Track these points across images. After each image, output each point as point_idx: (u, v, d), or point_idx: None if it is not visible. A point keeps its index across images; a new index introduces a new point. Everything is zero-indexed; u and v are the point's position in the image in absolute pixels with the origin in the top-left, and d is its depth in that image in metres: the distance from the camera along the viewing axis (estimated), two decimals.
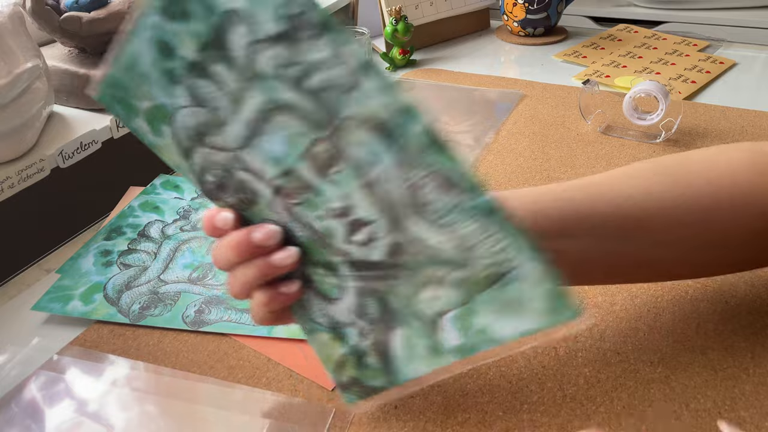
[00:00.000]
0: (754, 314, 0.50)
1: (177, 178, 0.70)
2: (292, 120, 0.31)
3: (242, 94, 0.31)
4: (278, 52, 0.29)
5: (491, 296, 0.31)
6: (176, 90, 0.33)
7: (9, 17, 0.61)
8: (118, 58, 0.33)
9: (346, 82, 0.29)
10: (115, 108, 0.35)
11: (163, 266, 0.57)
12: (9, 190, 0.58)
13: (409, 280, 0.32)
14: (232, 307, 0.52)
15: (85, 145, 0.65)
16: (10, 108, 0.57)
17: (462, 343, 0.32)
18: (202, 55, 0.31)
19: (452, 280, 0.31)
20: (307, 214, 0.33)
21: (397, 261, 0.32)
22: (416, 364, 0.34)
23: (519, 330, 0.31)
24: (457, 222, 0.30)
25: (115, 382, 0.46)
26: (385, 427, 0.42)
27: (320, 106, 0.30)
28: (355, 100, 0.29)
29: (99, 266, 0.57)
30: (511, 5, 1.05)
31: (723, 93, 0.86)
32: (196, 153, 0.34)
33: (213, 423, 0.43)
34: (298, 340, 0.49)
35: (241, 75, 0.31)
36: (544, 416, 0.43)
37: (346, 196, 0.32)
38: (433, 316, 0.33)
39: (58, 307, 0.53)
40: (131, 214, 0.64)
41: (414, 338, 0.34)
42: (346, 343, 0.36)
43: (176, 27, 0.31)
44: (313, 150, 0.31)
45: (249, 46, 0.30)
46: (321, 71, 0.29)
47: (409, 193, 0.30)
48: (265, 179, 0.33)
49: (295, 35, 0.28)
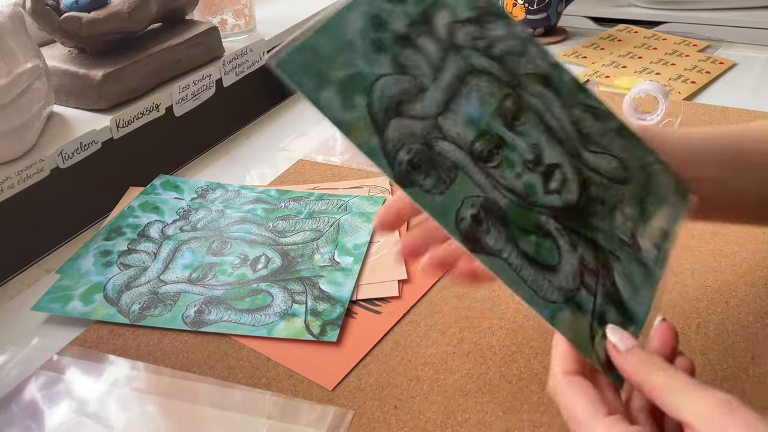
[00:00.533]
0: (754, 314, 0.50)
1: (177, 179, 0.70)
2: (484, 81, 0.37)
3: (442, 63, 0.36)
4: (470, 30, 0.38)
5: (652, 198, 0.38)
6: (381, 58, 0.34)
7: (9, 17, 0.61)
8: (322, 26, 0.33)
9: (519, 50, 0.38)
10: (299, 78, 0.32)
11: (163, 266, 0.57)
12: (9, 190, 0.58)
13: (602, 211, 0.37)
14: (232, 307, 0.52)
15: (85, 145, 0.64)
16: (10, 108, 0.57)
17: (657, 253, 0.37)
18: (410, 29, 0.36)
19: (628, 196, 0.38)
20: (506, 175, 0.35)
21: (589, 196, 0.37)
22: (640, 297, 0.36)
23: (678, 219, 0.39)
24: (611, 143, 0.39)
25: (115, 382, 0.46)
26: (385, 427, 0.42)
27: (504, 68, 0.37)
28: (526, 62, 0.38)
29: (99, 266, 0.57)
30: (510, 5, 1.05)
31: (723, 93, 0.86)
32: (390, 126, 0.33)
33: (213, 423, 0.43)
34: (299, 340, 0.49)
35: (442, 46, 0.36)
36: (544, 416, 0.43)
37: (535, 145, 0.36)
38: (631, 238, 0.37)
39: (58, 307, 0.53)
40: (131, 215, 0.64)
41: (628, 269, 0.36)
42: (586, 311, 0.34)
43: (392, 7, 0.36)
44: (503, 105, 0.37)
45: (449, 25, 0.37)
46: (501, 42, 0.38)
47: (575, 128, 0.38)
48: (464, 146, 0.35)
49: (483, 18, 0.38)
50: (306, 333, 0.49)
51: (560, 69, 0.39)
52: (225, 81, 0.81)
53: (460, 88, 0.36)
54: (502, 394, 0.45)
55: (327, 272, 0.55)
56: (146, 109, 0.71)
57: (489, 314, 0.51)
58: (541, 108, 0.38)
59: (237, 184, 0.69)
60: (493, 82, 0.37)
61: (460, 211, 0.33)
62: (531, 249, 0.34)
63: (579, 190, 0.37)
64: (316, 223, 0.61)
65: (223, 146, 0.80)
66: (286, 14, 0.97)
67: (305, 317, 0.50)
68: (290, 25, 0.93)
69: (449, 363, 0.47)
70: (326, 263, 0.56)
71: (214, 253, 0.58)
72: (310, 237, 0.59)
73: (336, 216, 0.62)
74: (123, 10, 0.68)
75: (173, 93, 0.73)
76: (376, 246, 0.59)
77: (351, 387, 0.45)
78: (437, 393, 0.45)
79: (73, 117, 0.68)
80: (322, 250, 0.57)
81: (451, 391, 0.45)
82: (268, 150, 0.78)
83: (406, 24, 0.35)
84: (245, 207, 0.64)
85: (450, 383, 0.46)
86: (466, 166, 0.34)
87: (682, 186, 0.40)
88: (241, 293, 0.53)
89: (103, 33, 0.68)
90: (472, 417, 0.43)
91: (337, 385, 0.46)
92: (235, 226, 0.61)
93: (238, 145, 0.80)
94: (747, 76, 0.92)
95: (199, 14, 0.84)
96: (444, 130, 0.34)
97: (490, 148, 0.35)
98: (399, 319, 0.51)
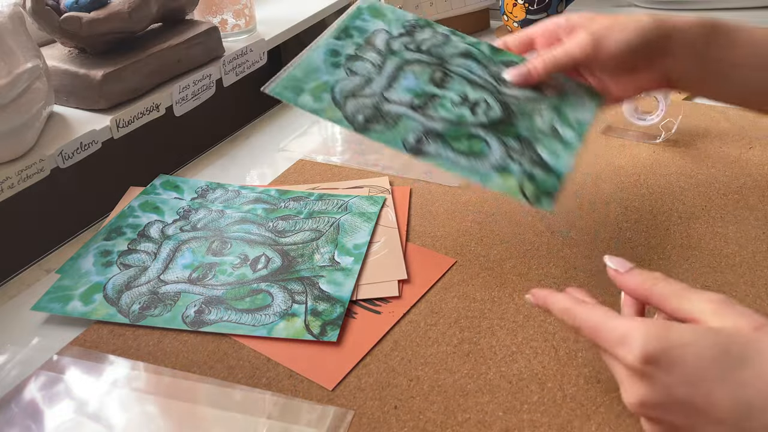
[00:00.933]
0: None
1: (177, 179, 0.70)
2: (417, 66, 0.56)
3: (383, 63, 0.56)
4: (404, 39, 0.58)
5: (566, 103, 0.56)
6: (338, 71, 0.54)
7: (9, 17, 0.61)
8: (299, 62, 0.53)
9: (442, 41, 0.59)
10: (283, 94, 0.51)
11: (163, 266, 0.57)
12: (9, 190, 0.58)
13: (522, 117, 0.54)
14: (232, 307, 0.52)
15: (85, 145, 0.65)
16: (10, 108, 0.57)
17: (573, 133, 0.54)
18: (357, 50, 0.56)
19: (545, 106, 0.55)
20: (440, 112, 0.53)
21: (511, 112, 0.54)
22: (563, 159, 0.52)
23: (592, 114, 0.56)
24: None
25: (115, 382, 0.46)
26: (385, 427, 0.42)
27: (431, 55, 0.57)
28: (450, 47, 0.59)
29: (99, 266, 0.57)
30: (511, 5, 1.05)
31: None
32: (348, 104, 0.51)
33: (213, 423, 0.43)
34: (299, 340, 0.49)
35: (382, 54, 0.56)
36: (544, 416, 0.43)
37: (462, 92, 0.55)
38: (549, 128, 0.54)
39: (58, 307, 0.53)
40: (131, 215, 0.64)
41: (549, 145, 0.52)
42: (514, 173, 0.50)
43: (343, 42, 0.56)
44: (433, 76, 0.55)
45: (386, 41, 0.58)
46: (428, 40, 0.59)
47: (493, 77, 0.57)
48: (405, 103, 0.52)
49: (412, 30, 0.59)
50: (306, 333, 0.49)
51: (477, 43, 0.60)
52: (225, 81, 0.81)
53: (398, 73, 0.55)
54: (502, 394, 0.45)
55: (327, 272, 0.55)
56: (146, 109, 0.71)
57: (489, 314, 0.51)
58: (464, 71, 0.57)
59: (237, 184, 0.69)
60: (424, 65, 0.56)
61: (406, 138, 0.50)
62: (465, 147, 0.51)
63: (501, 110, 0.54)
64: (316, 223, 0.61)
65: (223, 146, 0.80)
66: (286, 14, 0.97)
67: (305, 317, 0.50)
68: (290, 25, 0.93)
69: (449, 363, 0.47)
70: (326, 263, 0.56)
71: (214, 253, 0.58)
72: (310, 237, 0.59)
73: (336, 216, 0.62)
74: (123, 10, 0.68)
75: (173, 93, 0.73)
76: (376, 246, 0.59)
77: (351, 387, 0.45)
78: (437, 393, 0.45)
79: (73, 117, 0.68)
80: (322, 250, 0.57)
81: (451, 391, 0.45)
82: (268, 150, 0.78)
83: (354, 49, 0.56)
84: (245, 207, 0.64)
85: (450, 383, 0.46)
86: (407, 114, 0.52)
87: (593, 91, 0.57)
88: (241, 293, 0.53)
89: (103, 33, 0.68)
90: (472, 417, 0.43)
91: (337, 385, 0.46)
92: (235, 226, 0.61)
93: (238, 145, 0.80)
94: None
95: (199, 14, 0.84)
96: (388, 98, 0.53)
97: (425, 101, 0.53)
98: (399, 319, 0.51)
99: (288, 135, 0.80)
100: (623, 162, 0.71)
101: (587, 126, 0.54)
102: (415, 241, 0.60)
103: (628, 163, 0.70)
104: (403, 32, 0.59)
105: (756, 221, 0.60)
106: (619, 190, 0.66)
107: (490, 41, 0.60)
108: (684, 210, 0.63)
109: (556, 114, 0.54)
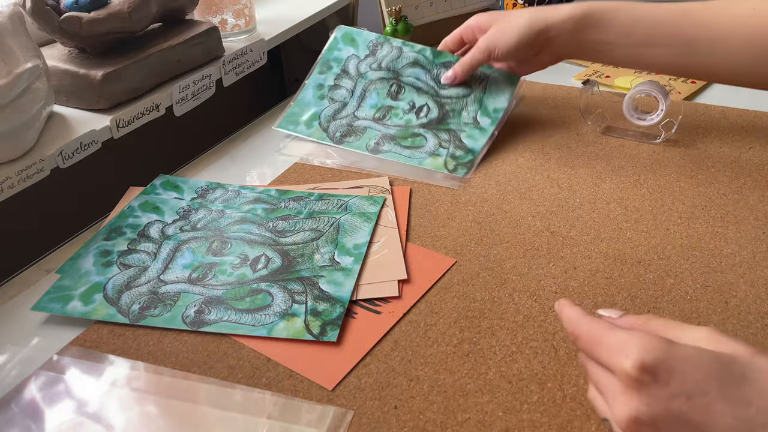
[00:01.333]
0: (754, 314, 0.50)
1: (177, 178, 0.70)
2: (378, 84, 0.77)
3: (355, 87, 0.78)
4: (369, 60, 0.79)
5: (487, 94, 0.76)
6: (323, 101, 0.77)
7: (9, 17, 0.61)
8: (297, 100, 0.78)
9: (397, 54, 0.79)
10: (285, 126, 0.77)
11: (163, 266, 0.57)
12: (9, 190, 0.58)
13: (453, 115, 0.75)
14: (232, 307, 0.52)
15: (85, 145, 0.65)
16: (10, 108, 0.57)
17: (490, 120, 0.74)
18: (336, 81, 0.79)
19: (470, 100, 0.76)
20: (394, 120, 0.75)
21: (445, 111, 0.75)
22: (479, 141, 0.72)
23: (507, 99, 0.76)
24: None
25: (115, 382, 0.46)
26: (385, 427, 0.42)
27: (389, 70, 0.78)
28: (402, 58, 0.78)
29: (99, 266, 0.57)
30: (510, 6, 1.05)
31: (723, 93, 0.86)
32: (330, 126, 0.75)
33: (213, 423, 0.43)
34: (299, 340, 0.49)
35: (353, 79, 0.79)
36: (544, 416, 0.43)
37: (411, 101, 0.76)
38: (472, 119, 0.74)
39: (58, 307, 0.53)
40: (131, 214, 0.64)
41: (470, 132, 0.73)
42: (442, 155, 0.71)
43: (324, 75, 0.79)
44: (390, 90, 0.77)
45: (356, 65, 0.79)
46: (386, 56, 0.79)
47: (434, 81, 0.77)
48: (369, 118, 0.75)
49: (375, 49, 0.80)
50: (306, 333, 0.49)
51: (424, 50, 0.79)
52: (225, 81, 0.81)
53: (365, 93, 0.77)
54: (502, 394, 0.45)
55: (327, 272, 0.55)
56: (146, 109, 0.71)
57: (489, 314, 0.51)
58: (413, 80, 0.77)
59: (237, 185, 0.69)
60: (384, 81, 0.77)
61: (368, 144, 0.72)
62: (409, 143, 0.72)
63: (438, 110, 0.74)
64: (316, 223, 0.61)
65: (223, 146, 0.80)
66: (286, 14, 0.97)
67: (305, 317, 0.50)
68: (290, 25, 0.93)
69: (449, 363, 0.47)
70: (326, 263, 0.56)
71: (214, 253, 0.58)
72: (310, 237, 0.59)
73: (336, 216, 0.62)
74: (123, 10, 0.68)
75: (173, 93, 0.73)
76: (376, 246, 0.59)
77: (351, 387, 0.46)
78: (437, 393, 0.45)
79: (73, 117, 0.68)
80: (322, 250, 0.58)
81: (451, 391, 0.45)
82: (268, 150, 0.78)
83: (333, 79, 0.79)
84: (245, 207, 0.64)
85: (450, 383, 0.46)
86: (371, 126, 0.75)
87: (509, 74, 0.77)
88: (241, 293, 0.53)
89: (103, 33, 0.68)
90: (472, 417, 0.43)
91: (337, 385, 0.46)
92: (235, 226, 0.61)
93: (238, 145, 0.80)
94: None
95: (199, 14, 0.84)
96: (358, 116, 0.75)
97: (384, 113, 0.75)
98: (399, 319, 0.51)
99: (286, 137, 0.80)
100: (623, 162, 0.71)
101: (502, 110, 0.74)
102: (415, 241, 0.60)
103: (628, 163, 0.70)
104: (368, 53, 0.79)
105: (756, 221, 0.60)
106: (619, 190, 0.66)
107: None
108: (684, 210, 0.63)
109: (478, 106, 0.74)
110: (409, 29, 0.96)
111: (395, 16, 0.95)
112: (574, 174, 0.69)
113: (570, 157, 0.72)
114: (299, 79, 1.16)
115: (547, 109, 0.83)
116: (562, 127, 0.79)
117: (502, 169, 0.70)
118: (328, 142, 0.73)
